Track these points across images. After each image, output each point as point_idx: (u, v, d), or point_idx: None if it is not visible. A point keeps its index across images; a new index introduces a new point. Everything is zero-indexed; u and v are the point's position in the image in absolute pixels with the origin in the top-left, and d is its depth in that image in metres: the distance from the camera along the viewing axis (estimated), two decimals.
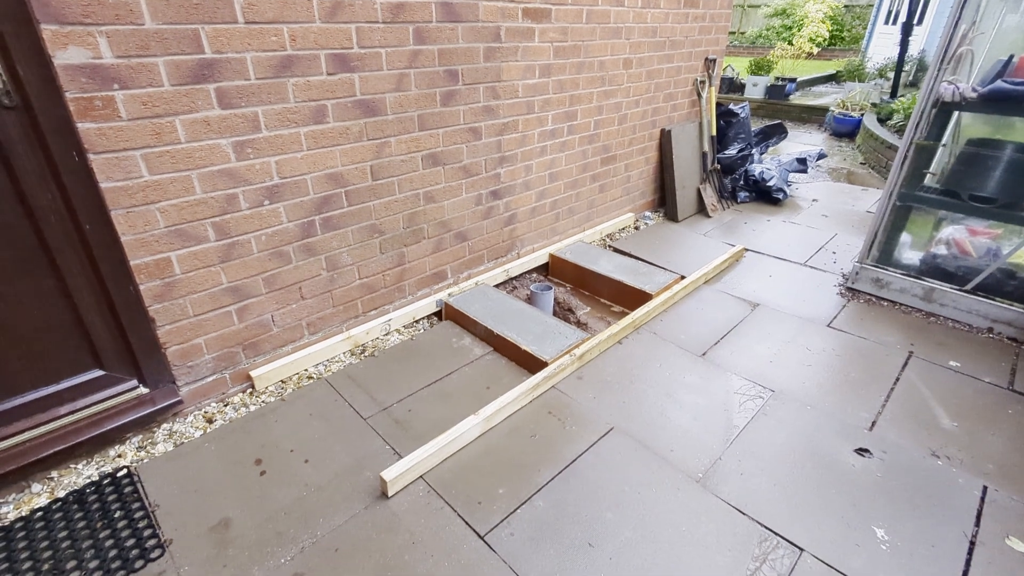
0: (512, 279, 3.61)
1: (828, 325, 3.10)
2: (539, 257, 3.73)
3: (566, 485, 2.04)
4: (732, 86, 9.74)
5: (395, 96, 2.53)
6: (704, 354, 2.85)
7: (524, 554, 1.78)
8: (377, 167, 2.59)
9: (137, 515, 1.88)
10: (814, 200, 5.09)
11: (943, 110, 2.98)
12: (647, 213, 4.70)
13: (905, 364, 2.76)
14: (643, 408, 2.45)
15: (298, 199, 2.36)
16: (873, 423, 2.37)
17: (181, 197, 2.03)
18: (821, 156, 5.53)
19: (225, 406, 2.40)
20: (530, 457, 2.16)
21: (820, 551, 1.81)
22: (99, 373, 2.10)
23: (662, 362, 2.77)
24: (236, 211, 2.19)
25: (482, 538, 1.83)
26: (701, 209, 4.77)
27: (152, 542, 1.79)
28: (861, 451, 2.21)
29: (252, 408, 2.40)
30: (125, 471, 2.05)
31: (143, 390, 2.19)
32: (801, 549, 1.81)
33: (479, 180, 3.12)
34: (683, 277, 3.55)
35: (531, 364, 2.67)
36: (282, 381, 2.55)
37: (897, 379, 2.65)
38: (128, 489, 1.98)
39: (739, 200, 5.00)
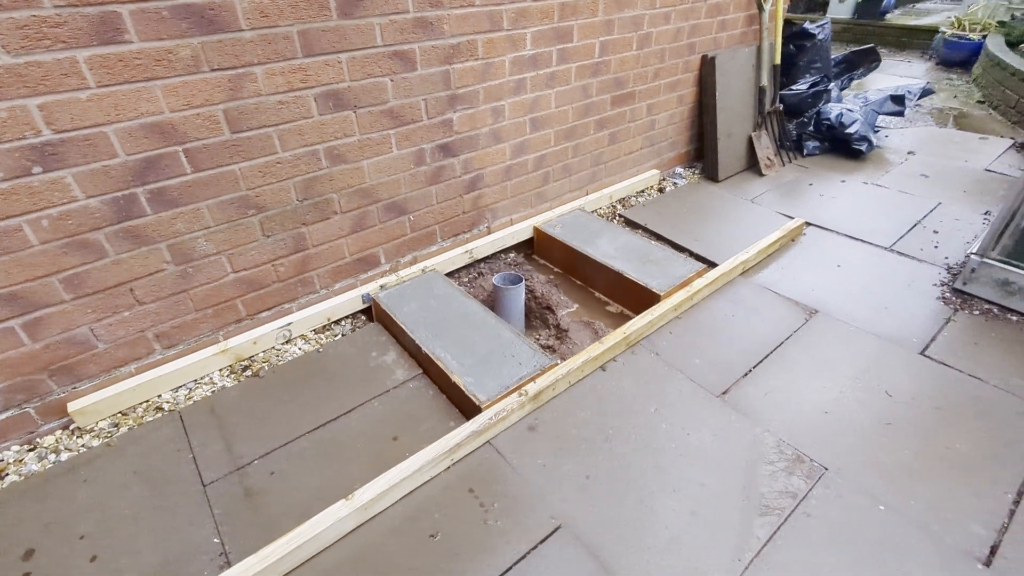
0: (478, 262, 2.75)
1: (922, 352, 2.09)
2: (520, 231, 2.83)
3: None
4: (811, 4, 7.98)
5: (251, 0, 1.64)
6: (725, 392, 1.94)
7: None
8: (236, 113, 1.75)
9: None
10: (910, 153, 3.84)
11: None
12: (678, 169, 3.64)
13: None
14: (615, 490, 1.61)
15: (99, 163, 1.58)
16: (994, 547, 1.44)
17: None
18: (926, 92, 4.15)
19: (31, 451, 1.75)
20: None
21: None
22: None
23: (659, 404, 1.90)
24: None
25: None
26: (752, 164, 3.66)
27: None
28: None
29: (64, 457, 1.74)
30: None
31: None
32: None
33: (418, 130, 2.22)
34: (712, 265, 2.58)
35: (465, 402, 1.86)
36: (122, 413, 1.87)
37: None
38: None
39: (805, 152, 3.83)
